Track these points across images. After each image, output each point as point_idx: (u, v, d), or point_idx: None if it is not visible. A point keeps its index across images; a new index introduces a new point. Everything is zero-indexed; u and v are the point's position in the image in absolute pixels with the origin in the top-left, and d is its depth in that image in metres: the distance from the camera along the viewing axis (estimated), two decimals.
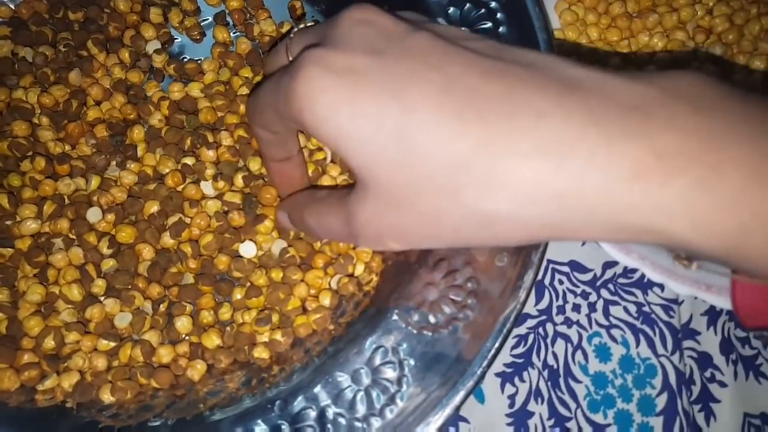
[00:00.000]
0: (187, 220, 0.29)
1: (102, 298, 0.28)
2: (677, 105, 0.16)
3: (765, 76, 0.34)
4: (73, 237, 0.29)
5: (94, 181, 0.30)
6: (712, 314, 0.35)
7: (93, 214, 0.29)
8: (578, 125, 0.16)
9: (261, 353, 0.27)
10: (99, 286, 0.28)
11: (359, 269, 0.29)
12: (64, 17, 0.33)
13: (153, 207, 0.29)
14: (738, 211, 0.15)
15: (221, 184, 0.30)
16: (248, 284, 0.29)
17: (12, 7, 0.33)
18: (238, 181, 0.30)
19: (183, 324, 0.28)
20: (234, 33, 0.34)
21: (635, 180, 0.16)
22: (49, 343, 0.27)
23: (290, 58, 0.23)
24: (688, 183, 0.15)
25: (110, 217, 0.29)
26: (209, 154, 0.30)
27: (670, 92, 0.16)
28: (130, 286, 0.28)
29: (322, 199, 0.24)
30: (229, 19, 0.34)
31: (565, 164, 0.16)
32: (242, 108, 0.31)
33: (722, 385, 0.34)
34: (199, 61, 0.33)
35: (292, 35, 0.24)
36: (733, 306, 0.29)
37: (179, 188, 0.30)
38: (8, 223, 0.29)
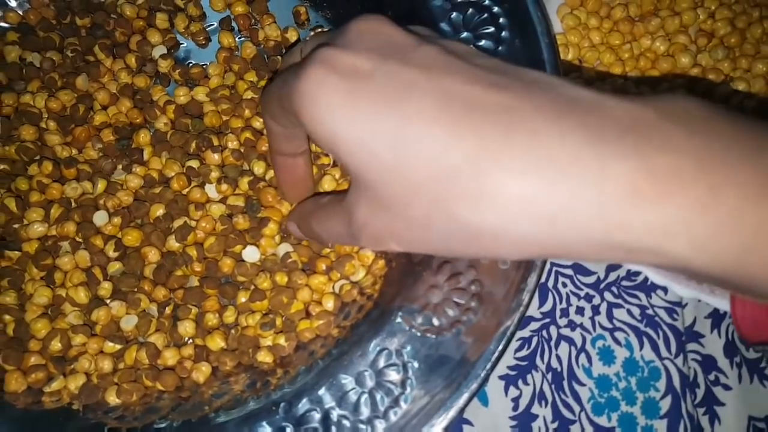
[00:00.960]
0: (192, 224, 0.30)
1: (108, 301, 0.28)
2: (672, 127, 0.16)
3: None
4: (80, 240, 0.29)
5: (101, 185, 0.30)
6: (716, 317, 0.35)
7: (99, 218, 0.29)
8: (573, 145, 0.16)
9: (265, 357, 0.28)
10: (105, 288, 0.28)
11: (361, 274, 0.29)
12: (71, 23, 0.33)
13: (159, 210, 0.30)
14: (738, 230, 0.15)
15: (224, 187, 0.30)
16: (252, 287, 0.29)
17: (20, 12, 0.33)
18: (244, 184, 0.30)
19: (188, 327, 0.28)
20: (239, 38, 0.34)
21: (629, 198, 0.16)
22: (56, 345, 0.27)
23: (302, 57, 0.23)
24: (684, 203, 0.16)
25: (116, 220, 0.29)
26: (214, 158, 0.30)
27: (666, 114, 0.17)
28: (135, 289, 0.29)
29: (324, 204, 0.24)
30: (234, 24, 0.34)
31: (558, 183, 0.16)
32: (247, 112, 0.31)
33: (726, 388, 0.34)
34: (204, 66, 0.33)
35: (308, 38, 0.25)
36: (733, 321, 0.29)
37: (184, 191, 0.30)
38: (16, 226, 0.29)
